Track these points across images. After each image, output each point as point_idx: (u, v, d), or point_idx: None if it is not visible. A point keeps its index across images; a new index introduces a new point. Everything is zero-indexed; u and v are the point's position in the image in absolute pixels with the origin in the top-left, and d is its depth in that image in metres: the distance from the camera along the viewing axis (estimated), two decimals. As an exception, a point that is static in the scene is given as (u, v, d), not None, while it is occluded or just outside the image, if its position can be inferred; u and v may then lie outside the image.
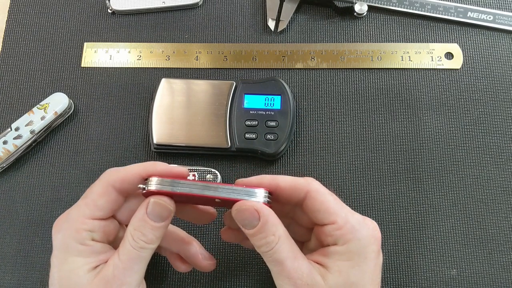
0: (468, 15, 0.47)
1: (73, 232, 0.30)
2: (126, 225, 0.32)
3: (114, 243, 0.32)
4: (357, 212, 0.30)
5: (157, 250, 0.35)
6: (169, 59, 0.47)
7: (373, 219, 0.40)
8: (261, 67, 0.47)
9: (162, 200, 0.30)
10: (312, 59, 0.47)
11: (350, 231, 0.29)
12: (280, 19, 0.47)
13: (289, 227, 0.32)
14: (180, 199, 0.30)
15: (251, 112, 0.43)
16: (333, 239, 0.30)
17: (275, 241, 0.29)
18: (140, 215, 0.30)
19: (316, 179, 0.42)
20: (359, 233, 0.29)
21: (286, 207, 0.33)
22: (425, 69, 0.46)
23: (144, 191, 0.30)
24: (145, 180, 0.30)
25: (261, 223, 0.29)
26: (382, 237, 0.40)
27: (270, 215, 0.30)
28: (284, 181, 0.31)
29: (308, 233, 0.33)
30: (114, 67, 0.47)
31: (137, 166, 0.31)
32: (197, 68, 0.47)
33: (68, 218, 0.31)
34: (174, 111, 0.43)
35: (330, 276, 0.29)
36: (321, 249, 0.31)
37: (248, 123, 0.42)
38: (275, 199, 0.31)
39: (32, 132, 0.43)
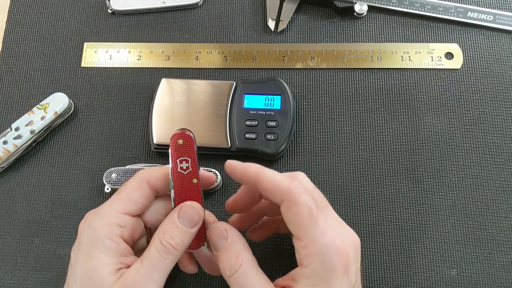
0: (468, 15, 0.47)
1: (104, 225, 0.30)
2: (150, 229, 0.34)
3: (135, 246, 0.33)
4: (356, 212, 0.29)
5: None
6: (169, 59, 0.47)
7: (373, 219, 0.41)
8: (261, 67, 0.47)
9: (195, 205, 0.31)
10: (312, 59, 0.47)
11: (314, 253, 0.28)
12: (280, 19, 0.47)
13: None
14: None
15: (251, 112, 0.43)
16: (300, 256, 0.29)
17: (238, 263, 0.29)
18: (170, 219, 0.30)
19: (316, 179, 0.43)
20: (324, 256, 0.28)
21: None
22: (425, 69, 0.46)
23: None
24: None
25: (228, 243, 0.30)
26: (382, 237, 0.41)
27: (238, 238, 0.30)
28: (267, 181, 0.30)
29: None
30: (114, 67, 0.47)
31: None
32: (197, 68, 0.47)
33: (99, 213, 0.31)
34: (174, 111, 0.43)
35: None
36: (291, 272, 0.30)
37: (248, 123, 0.42)
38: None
39: (32, 132, 0.43)
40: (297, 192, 0.29)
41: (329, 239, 0.28)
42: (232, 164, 0.31)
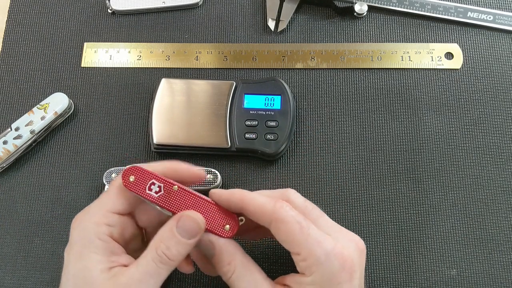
0: (468, 15, 0.47)
1: (93, 225, 0.30)
2: (146, 229, 0.33)
3: (128, 245, 0.32)
4: (356, 212, 0.29)
5: None
6: (169, 59, 0.47)
7: (373, 219, 0.41)
8: (261, 67, 0.47)
9: (195, 215, 0.30)
10: (312, 59, 0.47)
11: (314, 263, 0.28)
12: (280, 19, 0.47)
13: None
14: None
15: (251, 112, 0.43)
16: (300, 268, 0.29)
17: (231, 270, 0.29)
18: (169, 227, 0.30)
19: (316, 179, 0.43)
20: (323, 266, 0.28)
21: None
22: (425, 69, 0.46)
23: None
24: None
25: (216, 253, 0.30)
26: (382, 237, 0.41)
27: (224, 245, 0.30)
28: (252, 206, 0.30)
29: None
30: (114, 67, 0.47)
31: (158, 164, 0.32)
32: (197, 68, 0.47)
33: (88, 212, 0.31)
34: (174, 111, 0.43)
35: None
36: (294, 276, 0.30)
37: (248, 123, 0.42)
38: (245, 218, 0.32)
39: (32, 132, 0.43)
40: (283, 211, 0.29)
41: (327, 247, 0.28)
42: (216, 193, 0.31)
